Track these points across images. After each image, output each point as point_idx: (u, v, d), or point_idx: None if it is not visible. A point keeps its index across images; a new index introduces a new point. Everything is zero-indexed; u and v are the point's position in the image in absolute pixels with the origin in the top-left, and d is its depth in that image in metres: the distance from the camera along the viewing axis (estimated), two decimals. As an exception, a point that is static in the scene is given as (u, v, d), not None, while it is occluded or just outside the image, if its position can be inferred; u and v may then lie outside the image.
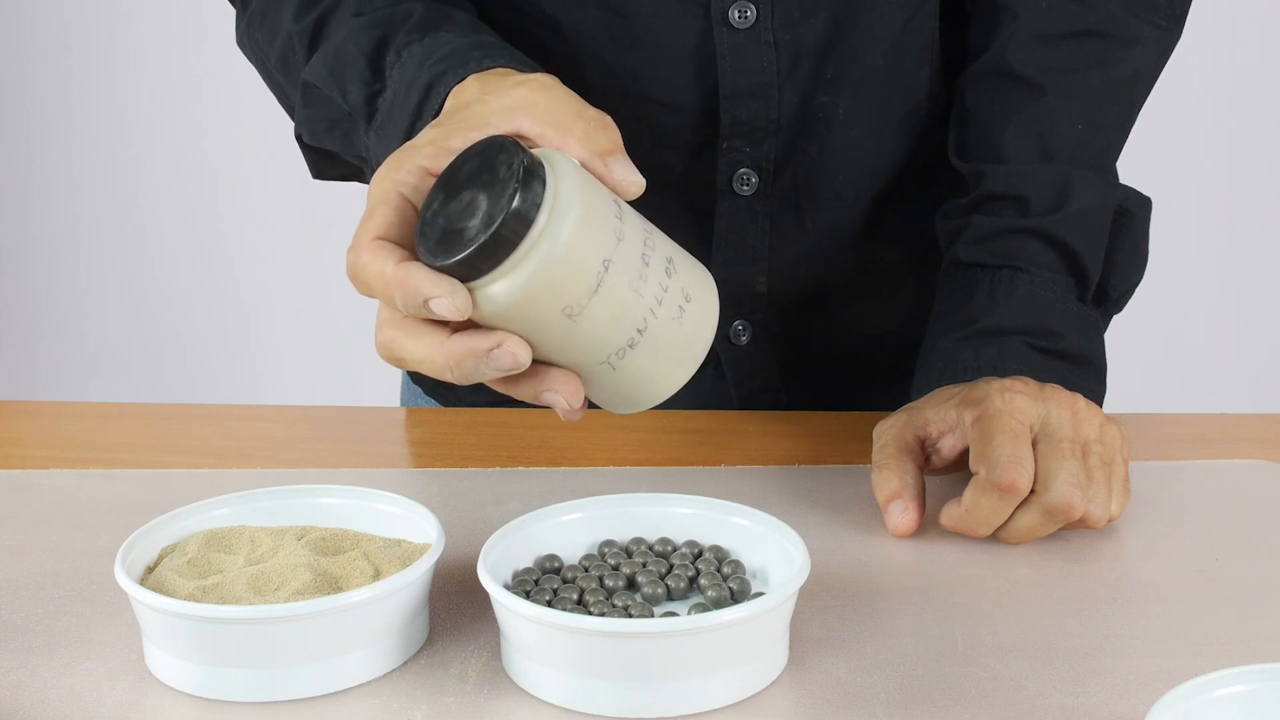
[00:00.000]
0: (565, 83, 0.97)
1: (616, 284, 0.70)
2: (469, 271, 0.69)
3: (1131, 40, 1.00)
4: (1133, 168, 1.07)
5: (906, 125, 1.04)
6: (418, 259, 0.71)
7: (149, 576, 0.78)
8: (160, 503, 0.91)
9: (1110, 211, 0.98)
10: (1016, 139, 0.99)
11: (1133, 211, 0.98)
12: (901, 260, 1.09)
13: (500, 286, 0.69)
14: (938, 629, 0.79)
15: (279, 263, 2.60)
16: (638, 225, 0.72)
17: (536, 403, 0.73)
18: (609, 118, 0.75)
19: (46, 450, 1.01)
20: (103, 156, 2.64)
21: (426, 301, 0.69)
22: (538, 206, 0.68)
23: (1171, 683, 0.68)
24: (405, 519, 0.81)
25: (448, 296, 0.68)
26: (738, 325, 1.07)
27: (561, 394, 0.72)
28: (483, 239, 0.68)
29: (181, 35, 2.53)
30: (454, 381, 0.71)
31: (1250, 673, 0.66)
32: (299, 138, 0.95)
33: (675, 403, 1.10)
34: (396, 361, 0.72)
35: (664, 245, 0.73)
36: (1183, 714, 0.64)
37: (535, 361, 0.72)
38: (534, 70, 0.83)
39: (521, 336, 0.70)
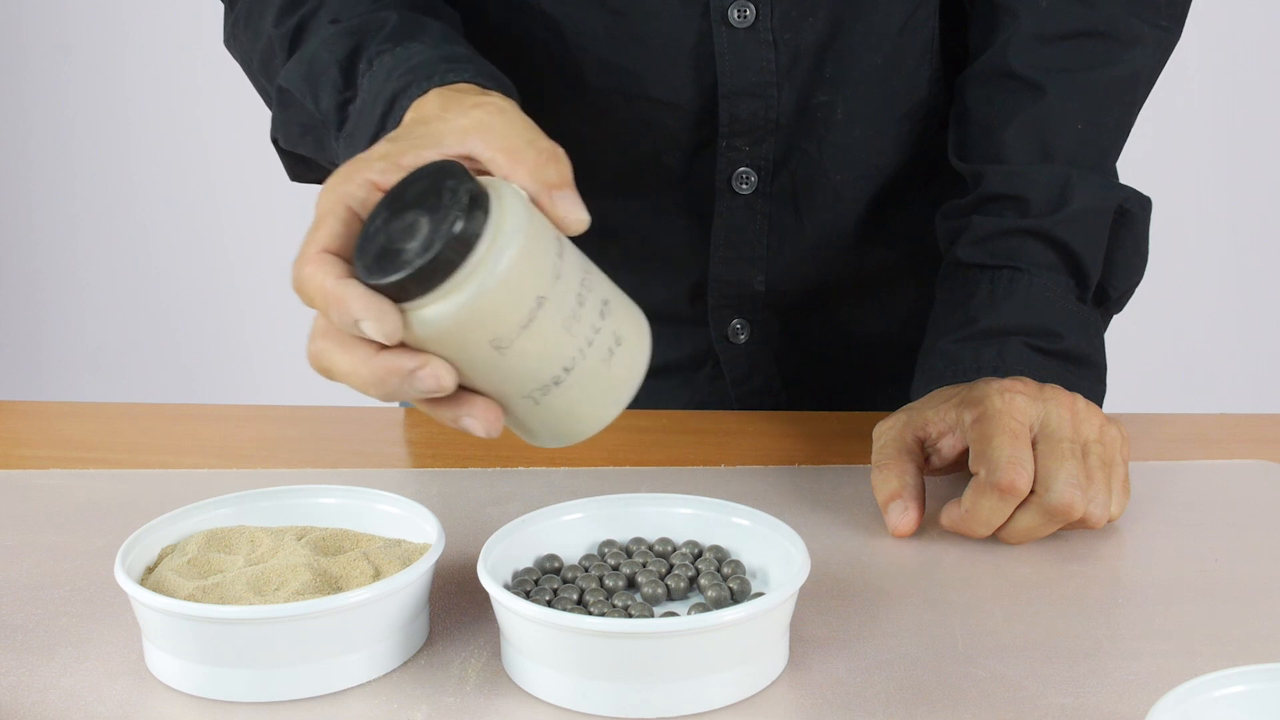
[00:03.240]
0: (565, 82, 0.97)
1: (549, 321, 0.70)
2: (402, 293, 0.68)
3: (1132, 40, 1.00)
4: (1133, 168, 1.07)
5: (906, 125, 1.04)
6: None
7: (149, 576, 0.78)
8: (160, 503, 0.91)
9: (1110, 212, 0.97)
10: (1016, 139, 0.99)
11: (1133, 212, 0.98)
12: (901, 260, 1.09)
13: (431, 311, 0.68)
14: (938, 629, 0.79)
15: (279, 263, 2.59)
16: (577, 264, 0.72)
17: (454, 426, 0.72)
18: (561, 150, 0.74)
19: (46, 450, 1.02)
20: (102, 157, 2.64)
21: (357, 322, 0.69)
22: (478, 236, 0.68)
23: (1171, 683, 0.68)
24: (405, 519, 0.81)
25: (376, 321, 0.68)
26: (736, 324, 1.07)
27: (480, 420, 0.71)
28: (419, 263, 0.67)
29: (180, 35, 2.53)
30: (377, 398, 0.71)
31: (1250, 673, 0.66)
32: (275, 141, 0.95)
33: (674, 402, 1.11)
34: (324, 371, 0.72)
35: (601, 286, 0.73)
36: (1183, 714, 0.64)
37: (460, 387, 0.71)
38: (501, 85, 0.83)
39: (448, 361, 0.70)
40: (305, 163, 0.95)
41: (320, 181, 0.96)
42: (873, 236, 1.07)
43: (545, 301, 0.69)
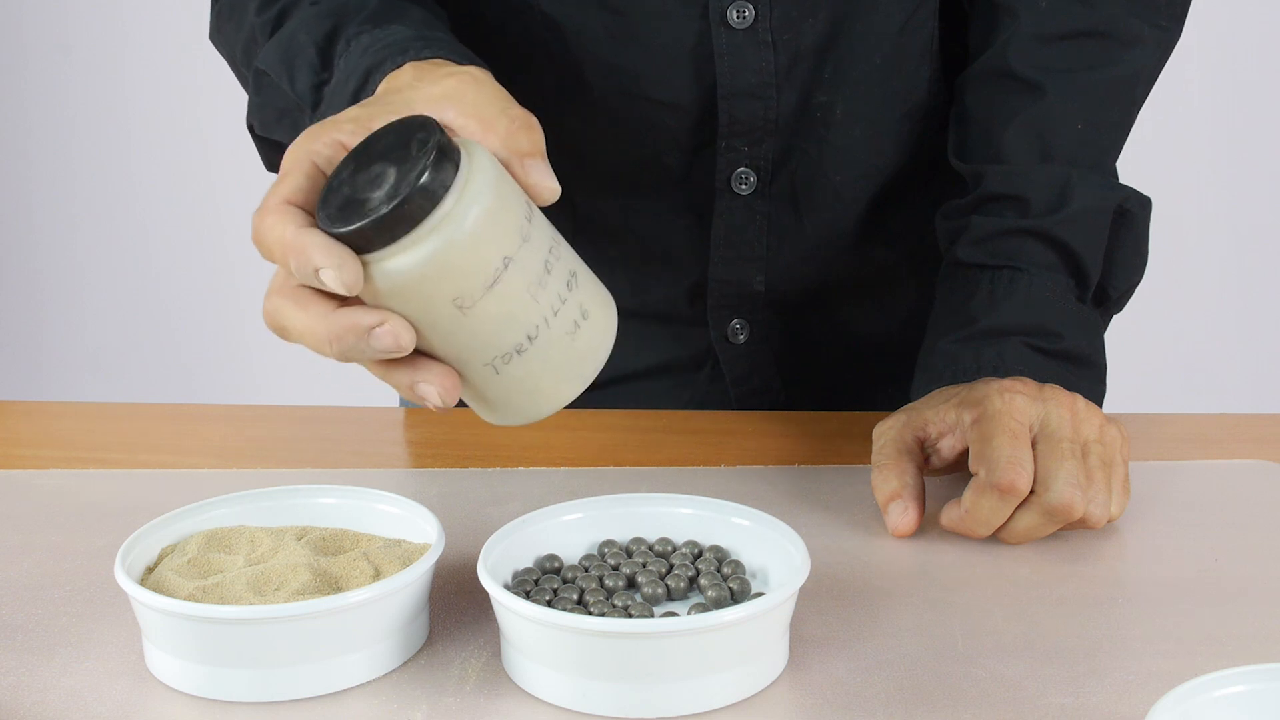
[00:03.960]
0: (564, 82, 0.97)
1: (514, 284, 0.69)
2: (365, 242, 0.67)
3: (1131, 40, 1.00)
4: (1133, 168, 1.07)
5: (905, 125, 1.04)
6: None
7: (149, 576, 0.78)
8: (160, 503, 0.91)
9: (1110, 212, 0.98)
10: (1016, 139, 0.99)
11: (1133, 211, 0.98)
12: (900, 261, 1.09)
13: (394, 263, 0.67)
14: (938, 629, 0.79)
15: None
16: (546, 232, 0.71)
17: (409, 394, 0.71)
18: (534, 119, 0.73)
19: (46, 450, 1.02)
20: (102, 157, 2.64)
21: (317, 271, 0.67)
22: (446, 188, 0.67)
23: (1171, 683, 0.68)
24: (405, 519, 0.81)
25: (336, 268, 0.67)
26: (735, 324, 1.07)
27: (437, 386, 0.70)
28: (384, 210, 0.66)
29: (180, 35, 2.53)
30: (333, 358, 0.69)
31: (1250, 673, 0.66)
32: (250, 128, 0.94)
33: (674, 402, 1.11)
34: (279, 330, 0.70)
35: (569, 259, 0.72)
36: (1183, 714, 0.64)
37: (417, 352, 0.70)
38: (474, 63, 0.83)
39: (407, 320, 0.68)
40: (280, 150, 0.94)
41: None
42: (872, 236, 1.07)
43: (511, 262, 0.68)
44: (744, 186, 1.02)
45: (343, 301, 0.69)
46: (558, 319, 0.70)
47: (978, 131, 1.00)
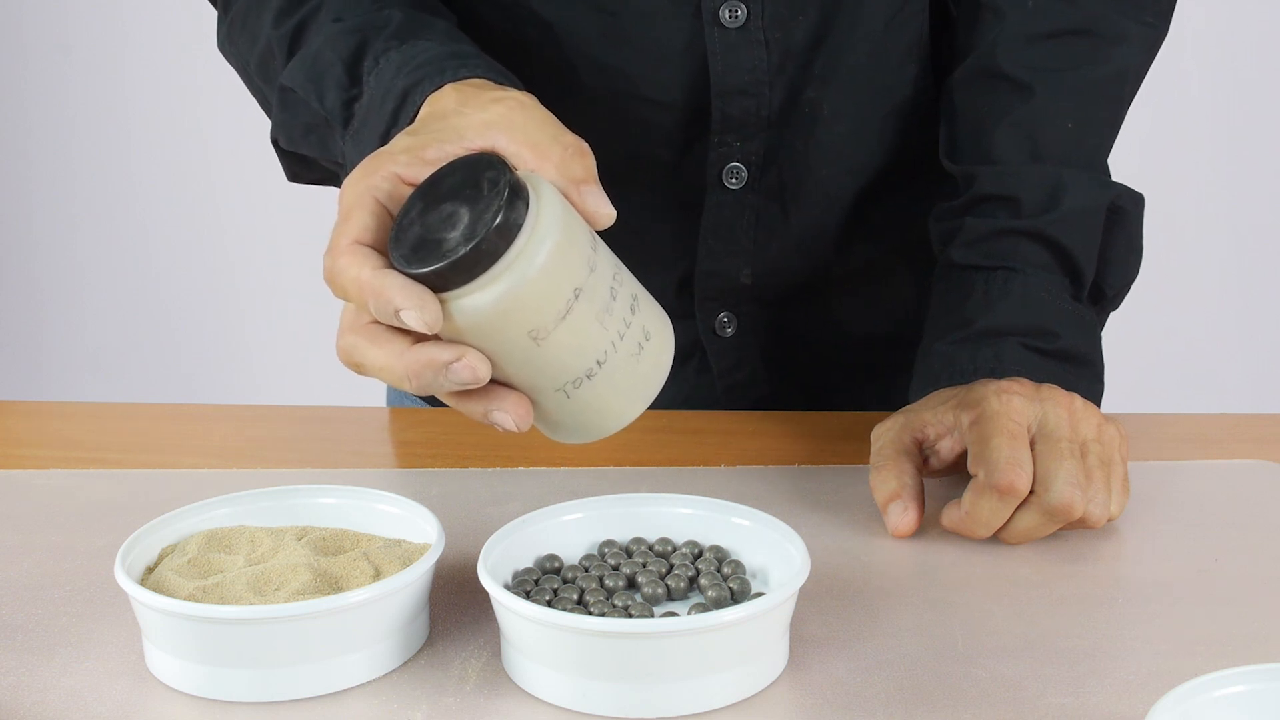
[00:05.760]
0: (556, 82, 0.97)
1: (584, 313, 0.70)
2: (442, 282, 0.69)
3: (1118, 38, 1.00)
4: (1132, 166, 1.07)
5: (891, 122, 1.04)
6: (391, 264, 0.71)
7: (149, 576, 0.78)
8: (160, 503, 0.91)
9: (1103, 210, 0.98)
10: (1007, 140, 0.99)
11: (1126, 209, 0.99)
12: (886, 256, 1.09)
13: (471, 301, 0.69)
14: (938, 629, 0.79)
15: (278, 263, 2.61)
16: (609, 259, 0.73)
17: (483, 421, 0.73)
18: (586, 145, 0.74)
19: (46, 450, 1.02)
20: (102, 157, 2.64)
21: (397, 311, 0.69)
22: (519, 227, 0.68)
23: (1171, 683, 0.68)
24: (405, 519, 0.81)
25: (418, 309, 0.68)
26: (723, 317, 1.08)
27: (511, 415, 0.72)
28: (462, 251, 0.68)
29: (180, 35, 2.53)
30: (411, 391, 0.71)
31: (1250, 673, 0.66)
32: (275, 142, 0.94)
33: (663, 397, 1.11)
34: (355, 367, 0.72)
35: (630, 282, 0.74)
36: (1183, 714, 0.64)
37: (490, 380, 0.72)
38: (511, 82, 0.83)
39: (483, 353, 0.70)
40: (306, 163, 0.95)
41: (320, 182, 0.97)
42: (858, 232, 1.07)
43: (581, 293, 0.70)
44: (734, 181, 1.02)
45: (418, 337, 0.71)
46: (624, 342, 0.72)
47: (968, 132, 1.01)
